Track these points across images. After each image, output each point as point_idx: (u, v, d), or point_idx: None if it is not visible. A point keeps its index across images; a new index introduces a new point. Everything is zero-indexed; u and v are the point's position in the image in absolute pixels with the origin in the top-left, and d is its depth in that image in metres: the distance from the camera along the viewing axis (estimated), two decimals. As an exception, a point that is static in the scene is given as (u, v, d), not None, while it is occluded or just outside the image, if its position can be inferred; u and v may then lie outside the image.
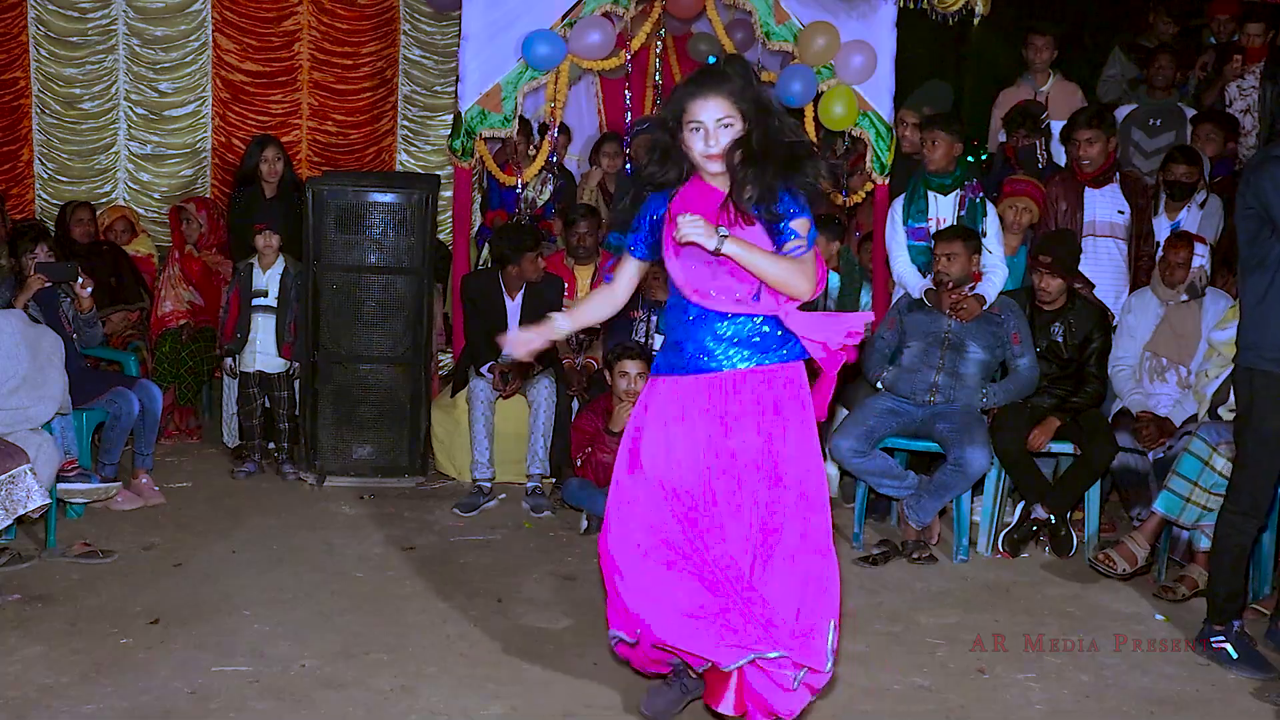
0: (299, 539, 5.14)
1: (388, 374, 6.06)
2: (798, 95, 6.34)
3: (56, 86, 8.16)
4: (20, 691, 3.59)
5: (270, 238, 6.17)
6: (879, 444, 5.29)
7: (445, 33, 8.49)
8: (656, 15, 6.71)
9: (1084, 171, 5.90)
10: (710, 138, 3.16)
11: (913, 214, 5.82)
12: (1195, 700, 3.83)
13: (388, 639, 4.07)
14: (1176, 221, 6.06)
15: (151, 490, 5.58)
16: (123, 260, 7.07)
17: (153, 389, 5.67)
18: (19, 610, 4.25)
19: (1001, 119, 6.85)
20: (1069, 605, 4.66)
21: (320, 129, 8.60)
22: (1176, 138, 6.86)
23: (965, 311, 5.30)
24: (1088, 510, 5.26)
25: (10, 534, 4.85)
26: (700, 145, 3.18)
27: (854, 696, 3.76)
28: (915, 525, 5.21)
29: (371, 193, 6.00)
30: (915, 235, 5.79)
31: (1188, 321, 5.35)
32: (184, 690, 3.64)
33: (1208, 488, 4.62)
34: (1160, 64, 7.23)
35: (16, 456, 4.60)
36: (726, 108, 3.15)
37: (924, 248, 5.78)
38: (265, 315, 6.16)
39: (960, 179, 5.77)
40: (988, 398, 5.30)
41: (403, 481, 6.03)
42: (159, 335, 6.72)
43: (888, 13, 6.32)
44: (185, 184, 8.37)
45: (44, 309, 5.35)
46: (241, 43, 8.39)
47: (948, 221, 5.75)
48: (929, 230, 5.77)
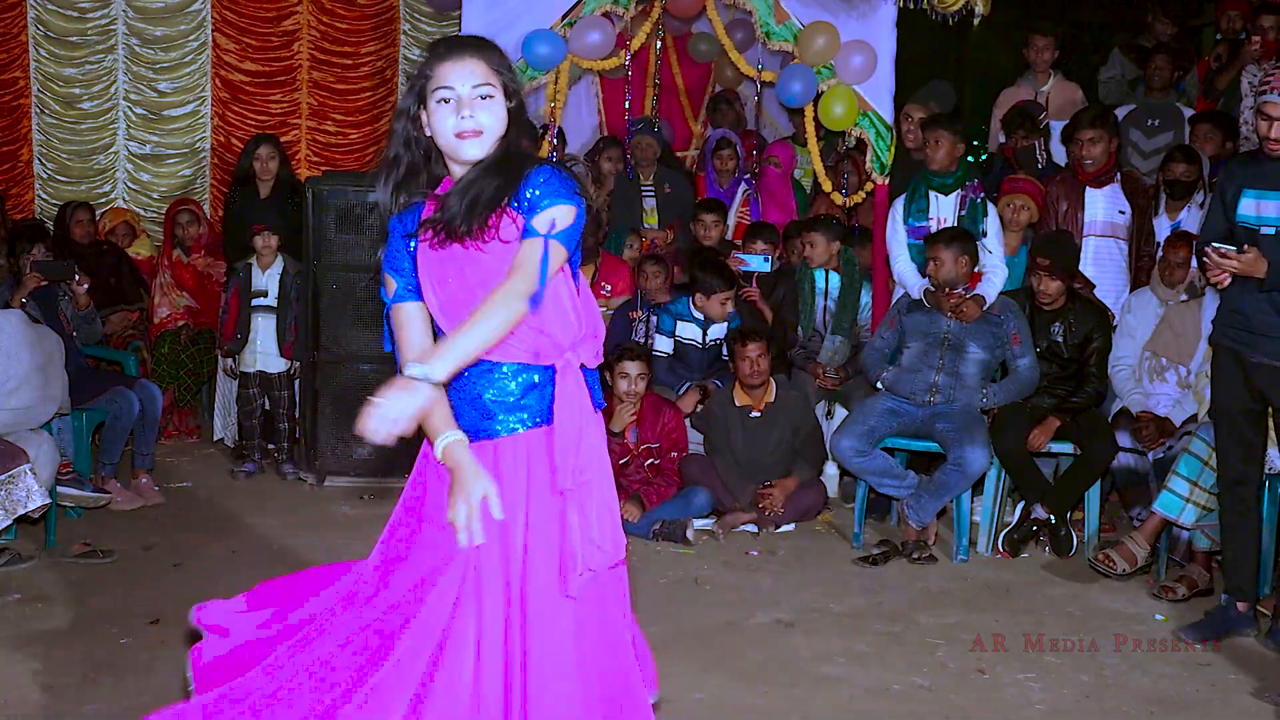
0: (299, 539, 5.13)
1: (388, 374, 5.96)
2: (798, 95, 6.34)
3: (56, 86, 8.16)
4: (20, 691, 3.59)
5: (269, 238, 6.17)
6: (879, 444, 5.29)
7: (445, 33, 8.49)
8: (656, 15, 6.71)
9: (1086, 171, 5.90)
10: (465, 107, 2.43)
11: (913, 213, 5.82)
12: (1195, 700, 3.83)
13: (388, 639, 4.06)
14: (1177, 221, 6.06)
15: (151, 490, 5.58)
16: (123, 261, 7.07)
17: (152, 389, 5.68)
18: (19, 610, 4.25)
19: (1000, 120, 6.85)
20: (1069, 605, 4.66)
21: (320, 129, 8.61)
22: (1175, 138, 6.86)
23: (965, 314, 5.30)
24: (1088, 510, 5.26)
25: (10, 534, 4.84)
26: (452, 120, 2.44)
27: (854, 696, 3.76)
28: (915, 525, 5.21)
29: (371, 193, 5.96)
30: (915, 234, 5.79)
31: (1188, 321, 5.35)
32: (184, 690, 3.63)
33: (1208, 488, 4.62)
34: (1158, 64, 7.23)
35: (17, 456, 4.60)
36: (485, 72, 2.45)
37: (922, 246, 5.78)
38: (265, 315, 6.16)
39: (961, 179, 5.77)
40: (988, 398, 5.30)
41: (403, 481, 5.99)
42: (158, 336, 6.72)
43: (888, 13, 6.31)
44: (185, 184, 8.37)
45: (42, 308, 5.35)
46: (241, 42, 8.39)
47: (948, 221, 5.75)
48: (929, 230, 5.77)
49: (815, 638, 4.23)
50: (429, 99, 2.46)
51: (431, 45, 2.57)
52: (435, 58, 2.48)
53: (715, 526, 5.41)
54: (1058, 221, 5.87)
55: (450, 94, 2.44)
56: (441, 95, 2.44)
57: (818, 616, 4.45)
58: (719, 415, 5.56)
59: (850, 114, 6.30)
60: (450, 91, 2.44)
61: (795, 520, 5.51)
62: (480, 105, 2.44)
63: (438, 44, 2.54)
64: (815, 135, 6.50)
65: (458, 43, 2.52)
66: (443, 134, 2.46)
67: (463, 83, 2.44)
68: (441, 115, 2.45)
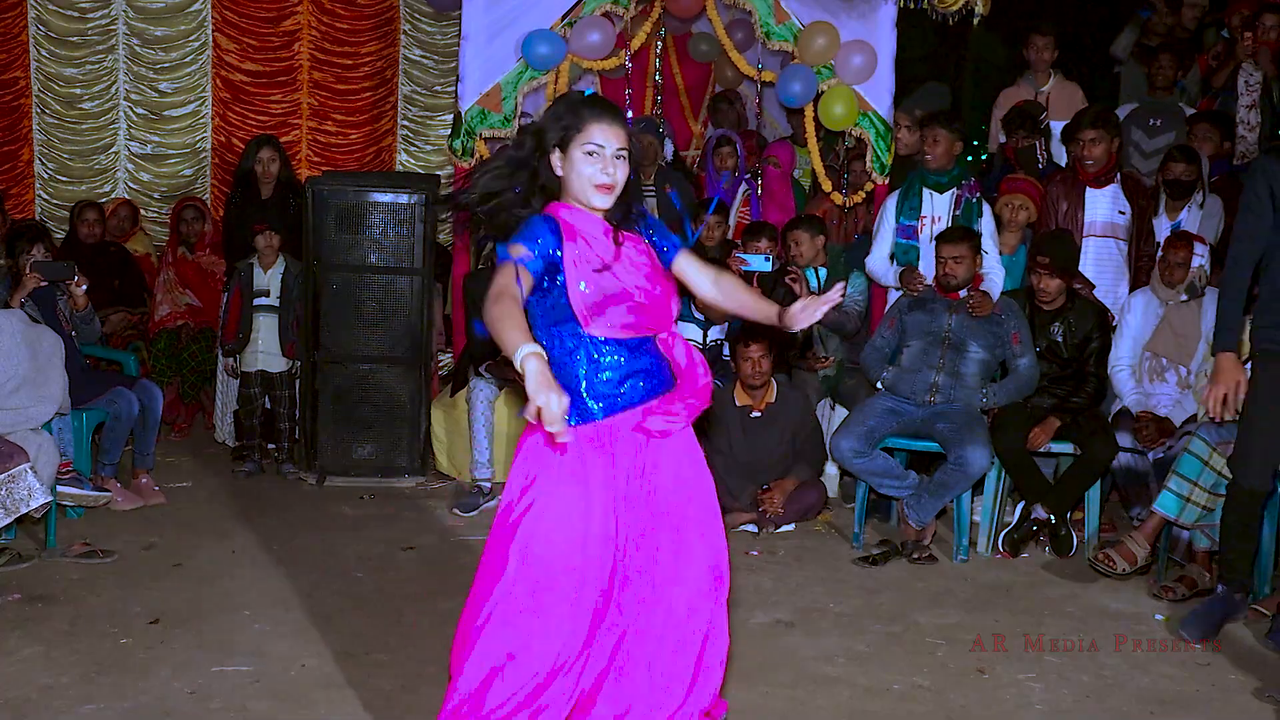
0: (299, 539, 5.14)
1: (388, 374, 6.06)
2: (798, 95, 6.34)
3: (56, 86, 8.16)
4: (20, 691, 3.59)
5: (271, 237, 6.17)
6: (879, 444, 5.29)
7: (445, 33, 8.50)
8: (656, 15, 6.71)
9: (1086, 171, 5.90)
10: (607, 166, 2.92)
11: (905, 211, 5.83)
12: (1195, 700, 3.83)
13: (388, 639, 4.07)
14: (1177, 222, 6.05)
15: (151, 490, 5.58)
16: (127, 262, 7.08)
17: (153, 389, 5.68)
18: (19, 610, 4.25)
19: (1001, 120, 6.85)
20: (1069, 605, 4.66)
21: (320, 129, 8.61)
22: (1176, 138, 6.86)
23: (981, 307, 5.31)
24: (1088, 510, 5.26)
25: (10, 534, 4.85)
26: (591, 171, 2.92)
27: (854, 696, 3.76)
28: (915, 525, 5.21)
29: (371, 193, 6.00)
30: (904, 233, 5.80)
31: (1188, 321, 5.35)
32: (184, 690, 3.64)
33: (1208, 488, 4.62)
34: (1161, 63, 7.23)
35: (17, 456, 4.60)
36: (625, 140, 2.95)
37: (910, 246, 5.80)
38: (267, 315, 6.17)
39: (958, 178, 5.78)
40: (988, 398, 5.30)
41: (403, 481, 6.03)
42: (155, 334, 6.73)
43: (888, 13, 6.31)
44: (185, 184, 8.38)
45: (42, 308, 5.36)
46: (241, 43, 8.40)
47: (942, 219, 5.77)
48: (918, 229, 5.79)
49: (815, 638, 4.23)
50: (574, 144, 2.91)
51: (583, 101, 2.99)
52: (591, 116, 2.92)
53: (715, 526, 5.41)
54: (1057, 221, 5.87)
55: (597, 150, 2.92)
56: (589, 149, 2.91)
57: (818, 616, 4.45)
58: (719, 415, 5.56)
59: (850, 114, 6.30)
60: (598, 149, 2.91)
61: (795, 520, 5.51)
62: (617, 165, 2.94)
63: (590, 103, 2.97)
64: (815, 135, 6.50)
65: (606, 108, 2.97)
66: (582, 177, 2.92)
67: (610, 144, 2.92)
68: (583, 164, 2.92)
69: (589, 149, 2.91)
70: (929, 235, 5.84)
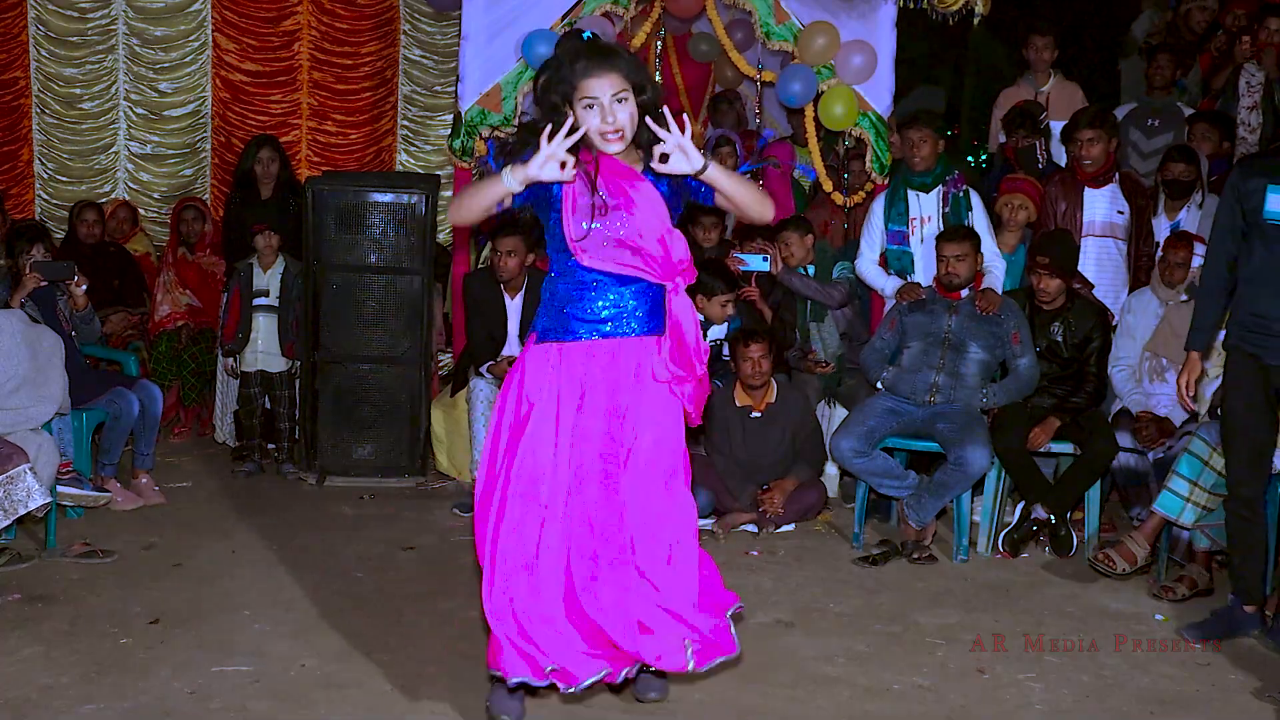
0: (299, 539, 5.14)
1: (388, 374, 6.06)
2: (798, 95, 6.34)
3: (56, 86, 8.16)
4: (20, 691, 3.59)
5: (271, 237, 6.18)
6: (879, 444, 5.29)
7: (445, 33, 8.50)
8: (656, 15, 6.70)
9: (1085, 171, 5.90)
10: (607, 114, 3.10)
11: (892, 217, 5.84)
12: (1195, 700, 3.83)
13: (388, 639, 4.07)
14: (1176, 221, 6.06)
15: (151, 490, 5.58)
16: (128, 263, 7.08)
17: (153, 389, 5.68)
18: (19, 610, 4.25)
19: (1001, 120, 6.85)
20: (1069, 605, 4.66)
21: (320, 129, 8.60)
22: (1174, 138, 6.86)
23: (989, 304, 5.31)
24: (1088, 510, 5.26)
25: (10, 534, 4.85)
26: (595, 123, 3.11)
27: (854, 696, 3.76)
28: (915, 525, 5.21)
29: (371, 193, 6.00)
30: (894, 239, 5.81)
31: (1188, 321, 5.33)
32: (184, 690, 3.63)
33: (1208, 488, 4.62)
34: (1159, 63, 7.23)
35: (16, 456, 4.60)
36: (619, 83, 3.10)
37: (902, 251, 5.81)
38: (267, 315, 6.17)
39: (941, 175, 5.80)
40: (988, 398, 5.31)
41: (403, 481, 6.03)
42: (156, 335, 6.72)
43: (888, 13, 6.31)
44: (185, 184, 8.38)
45: (42, 308, 5.36)
46: (241, 43, 8.40)
47: (931, 220, 5.78)
48: (907, 235, 5.80)
49: (815, 638, 4.23)
50: (575, 104, 3.09)
51: (570, 55, 3.11)
52: (579, 73, 3.07)
53: (715, 527, 5.41)
54: (1057, 221, 5.87)
55: (593, 101, 3.09)
56: (586, 103, 3.09)
57: (818, 616, 4.45)
58: (719, 415, 5.56)
59: (850, 114, 6.30)
60: (593, 100, 3.08)
61: (795, 520, 5.51)
62: (619, 108, 3.09)
63: (578, 57, 3.10)
64: (815, 135, 6.50)
65: (593, 57, 3.09)
66: (590, 130, 3.10)
67: (604, 92, 3.08)
68: (587, 118, 3.09)
69: (586, 103, 3.10)
70: (920, 237, 5.85)
